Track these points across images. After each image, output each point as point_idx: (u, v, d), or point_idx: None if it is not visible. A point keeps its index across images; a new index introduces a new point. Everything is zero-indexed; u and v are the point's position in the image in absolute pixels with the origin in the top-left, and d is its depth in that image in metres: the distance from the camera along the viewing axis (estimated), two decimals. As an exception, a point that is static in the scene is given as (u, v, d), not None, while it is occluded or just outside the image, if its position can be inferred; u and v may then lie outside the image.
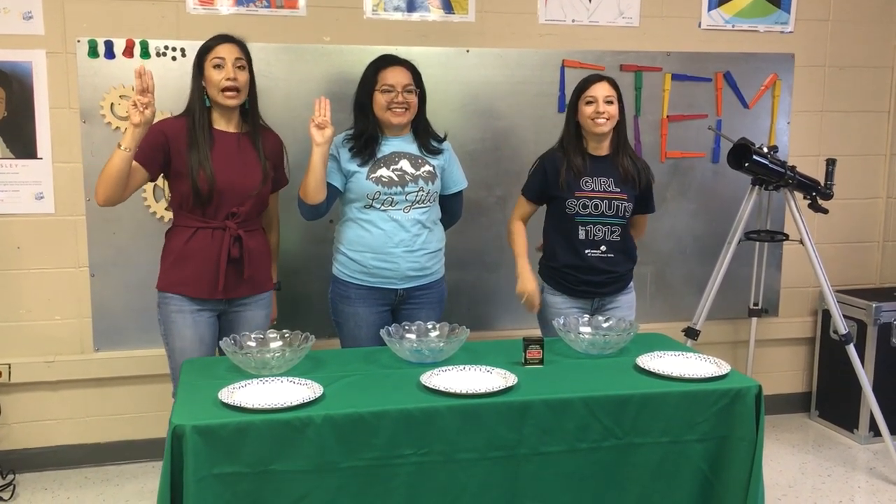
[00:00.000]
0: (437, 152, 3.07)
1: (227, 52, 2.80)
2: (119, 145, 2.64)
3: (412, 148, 3.04)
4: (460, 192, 3.21)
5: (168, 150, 2.80)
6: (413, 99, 2.98)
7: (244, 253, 2.83)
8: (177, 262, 2.85)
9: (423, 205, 3.01)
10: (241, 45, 2.85)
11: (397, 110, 2.95)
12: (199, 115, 2.82)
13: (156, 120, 2.71)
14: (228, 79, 2.78)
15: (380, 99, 2.96)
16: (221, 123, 2.87)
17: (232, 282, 2.85)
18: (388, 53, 3.07)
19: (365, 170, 2.96)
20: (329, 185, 2.95)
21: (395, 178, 2.97)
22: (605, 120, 3.00)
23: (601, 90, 3.01)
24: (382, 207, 2.97)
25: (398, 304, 3.07)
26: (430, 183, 3.02)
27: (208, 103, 2.83)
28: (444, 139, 3.14)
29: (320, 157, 2.85)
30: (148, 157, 2.77)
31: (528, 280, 3.10)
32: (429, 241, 3.04)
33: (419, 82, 3.02)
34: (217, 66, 2.78)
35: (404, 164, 2.99)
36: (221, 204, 2.81)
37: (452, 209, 3.22)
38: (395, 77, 2.95)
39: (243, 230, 2.84)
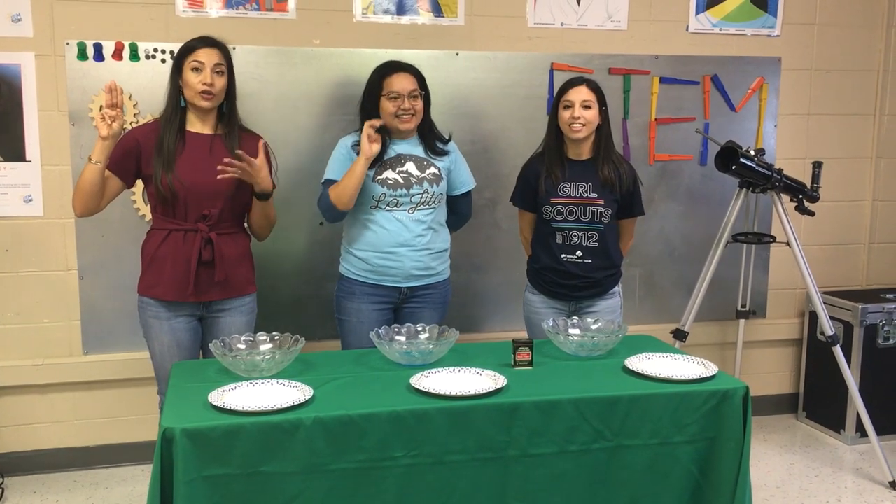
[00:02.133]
0: (442, 154, 3.10)
1: (206, 56, 2.79)
2: (90, 159, 2.68)
3: (418, 150, 3.06)
4: (468, 193, 3.23)
5: (139, 155, 2.80)
6: (419, 104, 3.01)
7: (216, 256, 2.82)
8: (152, 264, 2.85)
9: (427, 206, 3.03)
10: (223, 50, 2.84)
11: (404, 117, 2.98)
12: (171, 117, 2.81)
13: (143, 122, 2.71)
14: (205, 83, 2.77)
15: (386, 106, 2.98)
16: (196, 125, 2.86)
17: (205, 285, 2.84)
18: (392, 60, 3.08)
19: (371, 172, 2.98)
20: None
21: (401, 181, 2.99)
22: (580, 126, 3.01)
23: (578, 94, 3.01)
24: (388, 208, 3.00)
25: (401, 303, 3.10)
26: (434, 185, 3.04)
27: (184, 103, 2.83)
28: (450, 140, 3.16)
29: (365, 168, 2.91)
30: (120, 165, 2.78)
31: None
32: (433, 241, 3.07)
33: (424, 86, 3.04)
34: (195, 70, 2.78)
35: (410, 167, 3.01)
36: (189, 206, 2.80)
37: (461, 210, 3.25)
38: (401, 84, 2.97)
39: (216, 233, 2.83)
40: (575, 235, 3.09)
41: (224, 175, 2.73)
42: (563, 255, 3.10)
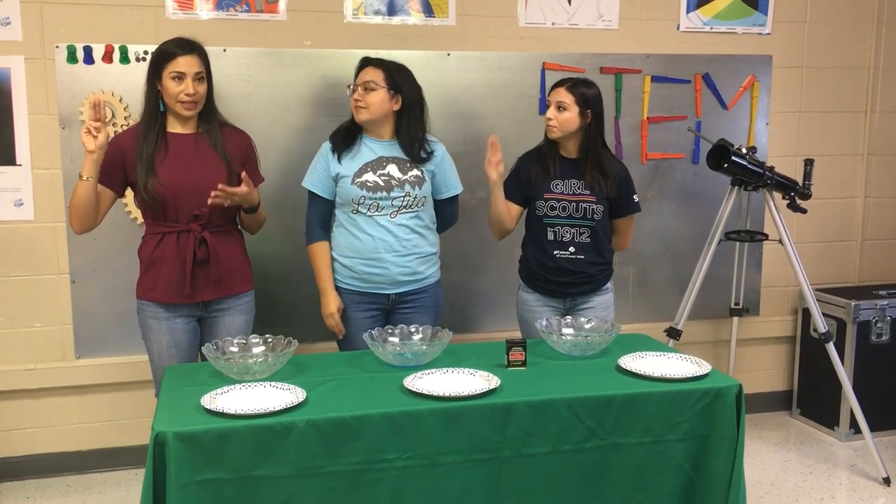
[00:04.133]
0: (426, 157, 3.05)
1: (187, 65, 2.75)
2: (81, 176, 2.66)
3: (400, 152, 3.03)
4: (455, 197, 3.19)
5: (125, 163, 2.79)
6: (371, 97, 2.94)
7: (210, 254, 2.82)
8: (149, 268, 2.85)
9: (410, 210, 3.00)
10: (201, 54, 2.81)
11: (356, 107, 2.97)
12: (151, 122, 2.80)
13: (132, 124, 2.70)
14: (188, 94, 2.75)
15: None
16: (177, 126, 2.85)
17: (201, 285, 2.83)
18: (366, 56, 3.07)
19: (350, 174, 2.96)
20: (324, 199, 3.00)
21: (381, 183, 2.96)
22: (552, 127, 3.04)
23: (555, 96, 3.06)
24: (369, 213, 2.97)
25: (391, 309, 3.07)
26: (416, 188, 3.00)
27: (163, 108, 2.81)
28: (431, 150, 3.10)
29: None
30: (109, 177, 2.77)
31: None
32: (419, 245, 3.03)
33: (394, 84, 2.97)
34: (176, 79, 2.75)
35: (391, 169, 2.98)
36: (180, 206, 2.79)
37: (446, 214, 3.20)
38: (364, 77, 2.97)
39: (209, 232, 2.82)
40: (567, 231, 3.09)
41: (216, 201, 2.73)
42: (555, 252, 3.10)
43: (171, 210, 2.79)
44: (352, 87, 2.99)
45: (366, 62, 3.02)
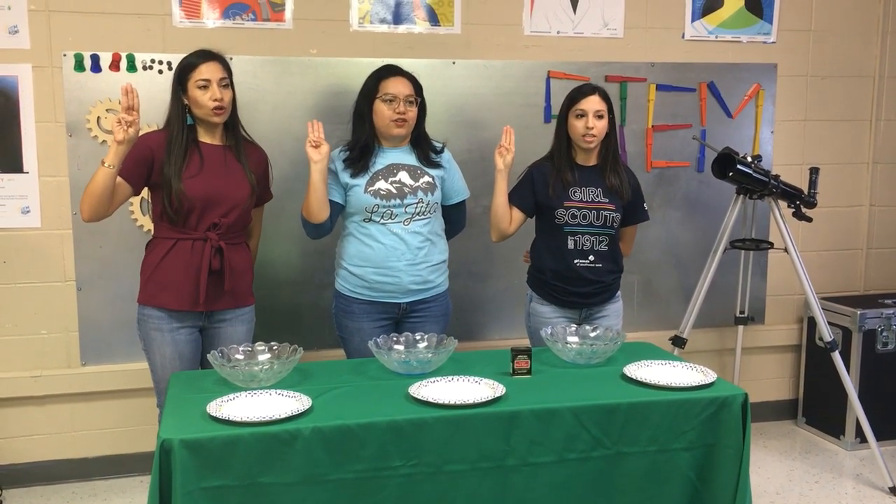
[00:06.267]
0: (436, 163, 3.07)
1: (211, 72, 2.79)
2: (103, 162, 2.65)
3: (410, 159, 3.03)
4: (463, 203, 3.20)
5: (153, 163, 2.80)
6: (413, 112, 2.97)
7: (225, 265, 2.83)
8: (156, 274, 2.84)
9: (423, 216, 3.00)
10: (223, 62, 2.85)
11: (398, 121, 2.94)
12: (179, 132, 2.81)
13: (143, 131, 2.72)
14: (215, 99, 2.77)
15: (381, 108, 2.95)
16: (206, 137, 2.87)
17: (212, 294, 2.84)
18: (390, 64, 3.07)
19: (363, 183, 2.96)
20: (330, 202, 2.95)
21: (394, 191, 2.96)
22: (593, 136, 3.01)
23: (591, 104, 3.00)
24: (382, 221, 2.96)
25: (401, 318, 3.06)
26: (429, 194, 3.01)
27: (190, 121, 2.83)
28: (443, 150, 3.13)
29: (319, 174, 2.86)
30: (132, 172, 2.76)
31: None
32: (431, 253, 3.03)
33: (420, 94, 3.02)
34: (203, 87, 2.78)
35: (403, 176, 2.98)
36: (204, 215, 2.81)
37: (454, 219, 3.21)
38: (397, 87, 2.95)
39: (225, 242, 2.84)
40: (587, 240, 3.07)
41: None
42: (575, 261, 3.07)
43: (193, 219, 2.80)
44: (385, 97, 2.93)
45: (395, 71, 2.99)
